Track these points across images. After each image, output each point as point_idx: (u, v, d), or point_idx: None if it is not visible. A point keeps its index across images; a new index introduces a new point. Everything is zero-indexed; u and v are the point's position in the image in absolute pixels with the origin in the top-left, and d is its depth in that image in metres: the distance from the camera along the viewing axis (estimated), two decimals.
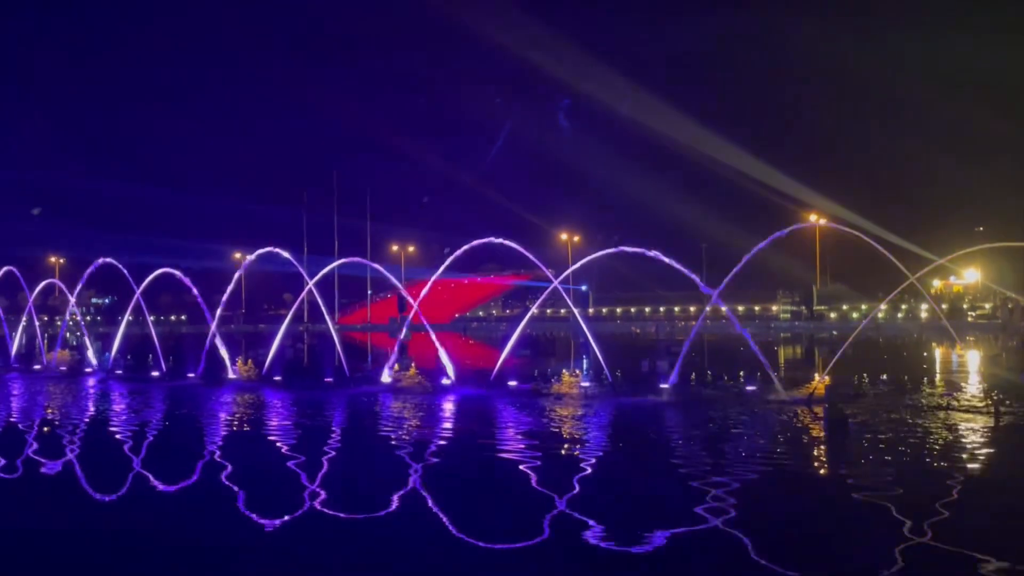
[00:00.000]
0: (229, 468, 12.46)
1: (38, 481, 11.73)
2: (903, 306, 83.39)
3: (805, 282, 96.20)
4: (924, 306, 77.55)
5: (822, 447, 13.92)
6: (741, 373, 23.84)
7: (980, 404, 18.42)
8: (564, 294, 24.88)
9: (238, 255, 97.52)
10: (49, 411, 20.15)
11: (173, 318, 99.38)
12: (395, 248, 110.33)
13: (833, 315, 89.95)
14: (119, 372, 29.23)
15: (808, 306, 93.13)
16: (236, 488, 10.91)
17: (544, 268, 24.55)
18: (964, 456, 12.91)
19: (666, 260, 21.18)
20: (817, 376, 20.97)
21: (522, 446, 14.26)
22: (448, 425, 17.14)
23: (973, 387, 22.36)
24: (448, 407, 19.59)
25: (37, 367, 31.99)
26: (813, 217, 72.97)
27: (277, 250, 27.31)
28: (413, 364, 30.27)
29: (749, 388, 20.73)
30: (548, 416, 17.58)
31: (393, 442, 14.87)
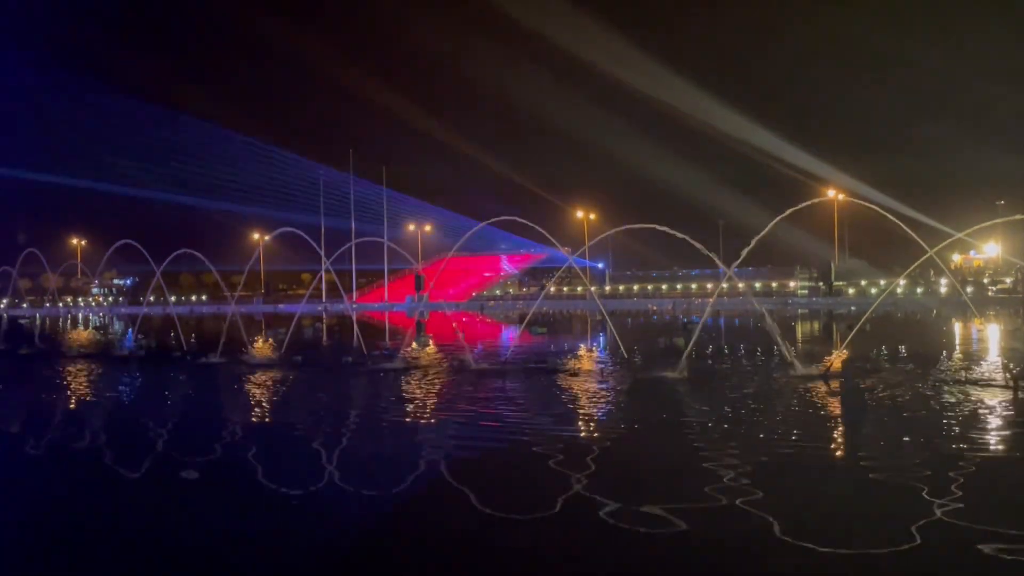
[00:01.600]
0: (249, 447, 12.69)
1: (70, 461, 12.01)
2: (922, 281, 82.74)
3: (823, 258, 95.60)
4: (944, 281, 76.94)
5: (837, 422, 13.97)
6: (758, 349, 23.86)
7: (999, 378, 18.37)
8: (580, 272, 24.88)
9: (256, 236, 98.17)
10: (70, 393, 20.52)
11: (193, 298, 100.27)
12: (412, 227, 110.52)
13: (851, 291, 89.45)
14: (140, 352, 29.66)
15: (826, 282, 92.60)
16: (257, 466, 11.12)
17: (559, 245, 24.56)
18: (980, 430, 12.91)
19: (681, 236, 21.14)
20: (834, 351, 20.96)
21: (535, 421, 14.40)
22: (463, 402, 17.31)
23: (992, 361, 22.26)
24: (465, 384, 19.75)
25: (61, 347, 32.49)
26: (831, 192, 72.37)
27: (294, 230, 27.50)
28: (431, 342, 30.47)
29: (765, 364, 20.77)
30: (562, 392, 17.71)
31: (409, 419, 15.06)
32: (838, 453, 11.81)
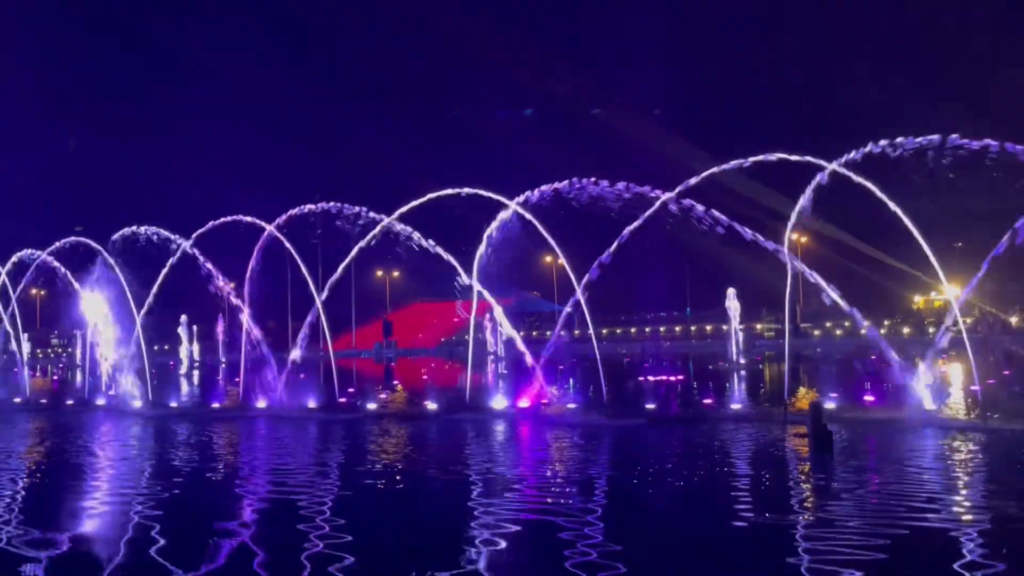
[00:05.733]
0: (211, 500, 12.27)
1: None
2: (886, 322, 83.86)
3: (789, 299, 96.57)
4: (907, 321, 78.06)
5: (805, 465, 13.85)
6: (727, 387, 23.86)
7: (964, 417, 18.54)
8: (578, 316, 24.65)
9: (220, 283, 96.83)
10: (29, 450, 19.80)
11: (156, 347, 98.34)
12: (379, 273, 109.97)
13: (817, 332, 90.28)
14: (99, 403, 28.75)
15: (792, 323, 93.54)
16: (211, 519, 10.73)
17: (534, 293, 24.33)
18: (946, 471, 12.91)
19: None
20: (802, 392, 21.02)
21: (492, 470, 14.15)
22: (425, 452, 17.01)
23: (958, 401, 22.41)
24: (430, 433, 19.50)
25: (17, 399, 31.37)
26: (794, 236, 73.35)
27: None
28: (399, 389, 30.12)
29: (734, 407, 20.72)
30: (523, 440, 17.52)
31: (367, 470, 14.71)
32: (800, 500, 11.65)
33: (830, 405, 18.25)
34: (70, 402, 29.25)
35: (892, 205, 19.61)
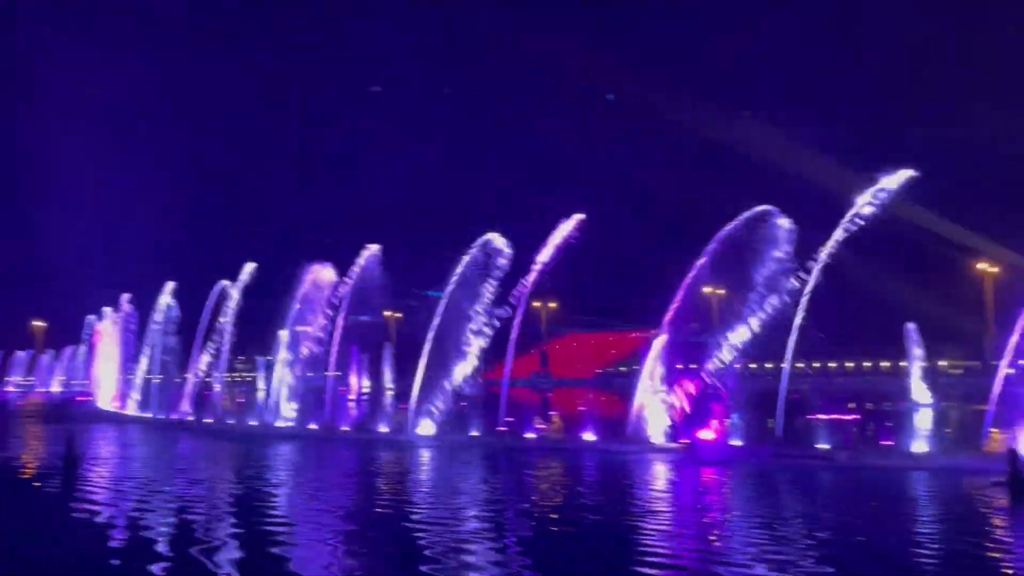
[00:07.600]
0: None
1: None
2: None
3: (975, 334, 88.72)
4: None
5: (1001, 523, 12.53)
6: (907, 429, 22.28)
7: None
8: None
9: (387, 313, 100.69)
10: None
11: (327, 373, 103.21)
12: (537, 304, 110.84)
13: (1012, 371, 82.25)
14: (279, 424, 30.56)
15: (981, 360, 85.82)
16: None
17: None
18: None
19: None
20: (994, 435, 19.17)
21: (636, 512, 13.81)
22: (581, 483, 16.99)
23: None
24: (588, 464, 19.55)
25: (208, 420, 33.71)
26: (980, 266, 67.72)
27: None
28: (557, 419, 30.32)
29: (920, 451, 19.16)
30: (685, 478, 17.20)
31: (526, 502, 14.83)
32: (983, 558, 10.54)
33: None
34: (253, 423, 31.34)
35: None
